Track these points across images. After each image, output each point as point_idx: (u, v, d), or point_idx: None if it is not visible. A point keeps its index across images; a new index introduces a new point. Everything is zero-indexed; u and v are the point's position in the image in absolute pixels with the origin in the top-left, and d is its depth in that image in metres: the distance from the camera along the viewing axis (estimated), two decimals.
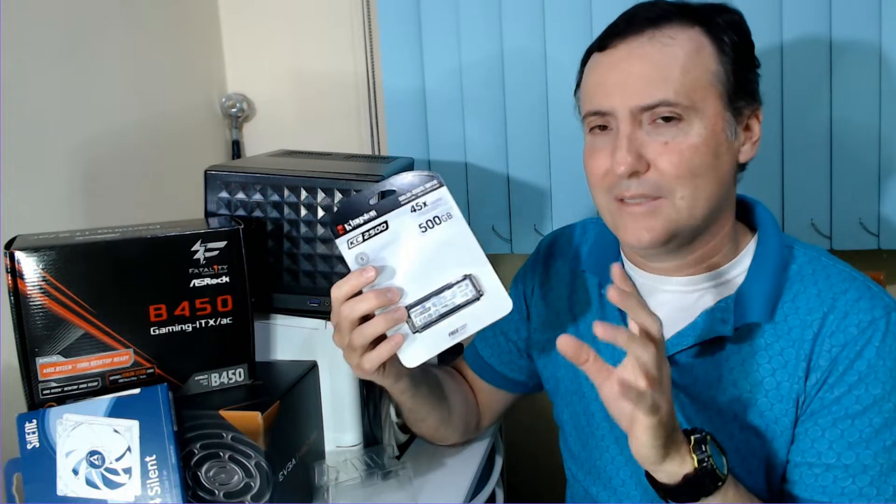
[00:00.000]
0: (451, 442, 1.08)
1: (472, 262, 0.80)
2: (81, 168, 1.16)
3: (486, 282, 0.80)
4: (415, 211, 0.81)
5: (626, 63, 0.82)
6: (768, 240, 0.87)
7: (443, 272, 0.80)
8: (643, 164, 0.81)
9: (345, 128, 1.57)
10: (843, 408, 0.80)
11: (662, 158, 0.80)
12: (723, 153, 0.82)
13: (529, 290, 1.05)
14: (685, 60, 0.80)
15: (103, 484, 0.81)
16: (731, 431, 0.85)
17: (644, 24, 0.82)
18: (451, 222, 0.81)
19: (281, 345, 1.03)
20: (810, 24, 1.28)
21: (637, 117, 0.81)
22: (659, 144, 0.80)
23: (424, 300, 0.79)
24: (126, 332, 0.87)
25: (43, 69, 1.09)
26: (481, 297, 0.79)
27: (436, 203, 0.81)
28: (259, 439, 0.85)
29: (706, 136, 0.80)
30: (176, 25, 1.44)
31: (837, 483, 0.80)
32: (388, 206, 0.81)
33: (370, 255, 0.80)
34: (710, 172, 0.81)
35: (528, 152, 1.43)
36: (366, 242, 0.80)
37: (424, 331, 0.79)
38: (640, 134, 0.81)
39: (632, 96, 0.80)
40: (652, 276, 0.90)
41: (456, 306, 0.79)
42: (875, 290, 0.83)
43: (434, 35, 1.42)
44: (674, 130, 0.80)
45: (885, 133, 1.28)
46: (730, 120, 0.82)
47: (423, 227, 0.81)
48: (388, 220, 0.81)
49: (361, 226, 0.80)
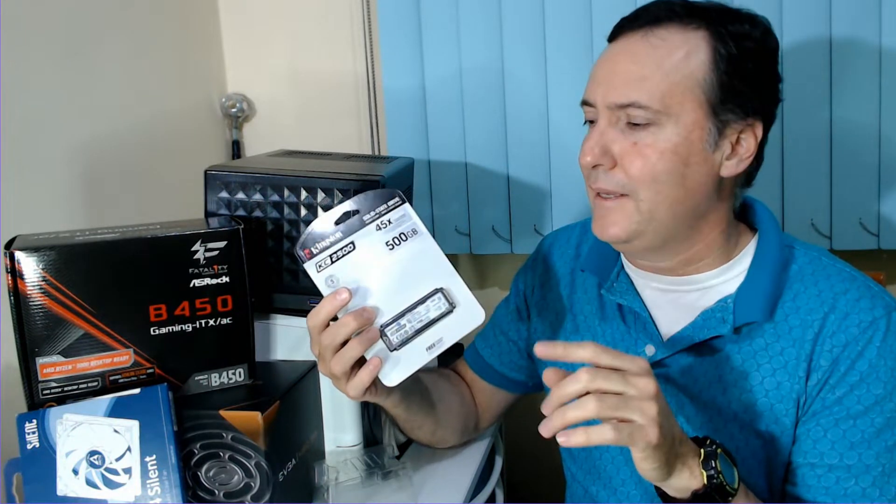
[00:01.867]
0: (450, 444, 1.08)
1: (442, 276, 0.81)
2: (81, 168, 1.16)
3: (458, 294, 0.80)
4: (380, 229, 0.81)
5: (616, 58, 0.83)
6: (768, 239, 0.87)
7: (414, 288, 0.80)
8: (609, 159, 0.82)
9: (345, 128, 1.57)
10: (844, 408, 0.80)
11: (627, 159, 0.81)
12: (695, 163, 0.81)
13: (530, 290, 1.05)
14: (669, 64, 0.80)
15: (103, 484, 0.81)
16: (731, 432, 0.85)
17: (644, 22, 0.82)
18: (418, 238, 0.81)
19: (281, 345, 1.03)
20: (810, 24, 1.28)
21: (614, 113, 0.82)
22: (628, 144, 0.81)
23: (399, 317, 0.79)
24: (126, 332, 0.87)
25: (43, 69, 1.09)
26: (454, 309, 0.80)
27: (400, 220, 0.81)
28: (259, 439, 0.85)
29: (677, 142, 0.80)
30: (176, 26, 1.44)
31: (840, 484, 0.80)
32: (353, 227, 0.81)
33: (340, 276, 0.80)
34: (675, 180, 0.81)
35: (528, 152, 1.43)
36: (334, 264, 0.80)
37: (402, 348, 0.79)
38: (614, 131, 0.82)
39: (610, 92, 0.82)
40: (653, 275, 0.90)
41: (430, 320, 0.79)
42: (876, 290, 0.83)
43: (434, 35, 1.42)
44: (642, 133, 0.81)
45: (885, 133, 1.29)
46: (710, 131, 0.81)
47: (390, 244, 0.81)
48: (354, 241, 0.81)
49: (328, 248, 0.80)
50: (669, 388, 0.87)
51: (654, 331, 0.88)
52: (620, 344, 0.91)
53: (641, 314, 0.89)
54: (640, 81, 0.80)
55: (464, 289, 0.80)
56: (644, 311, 0.89)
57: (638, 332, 0.90)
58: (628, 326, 0.91)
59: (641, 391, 0.69)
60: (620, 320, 0.92)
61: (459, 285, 0.80)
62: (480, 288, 1.61)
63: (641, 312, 0.89)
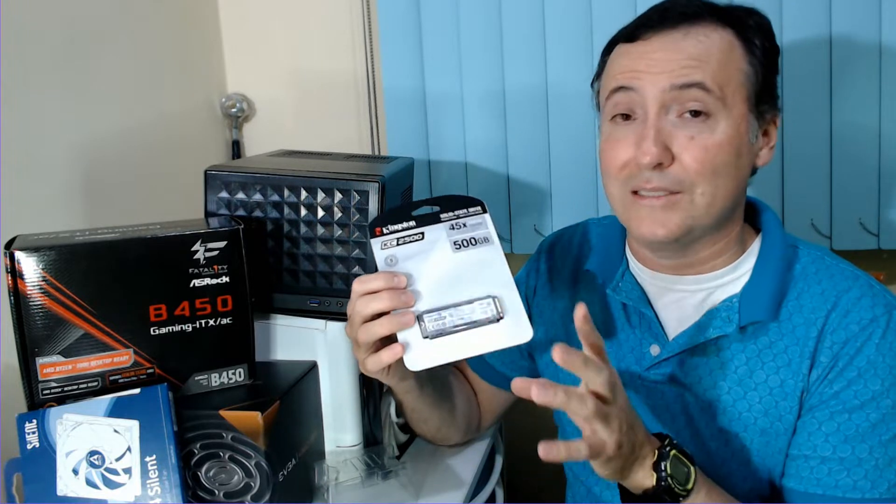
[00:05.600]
0: (452, 442, 1.08)
1: (500, 286, 0.79)
2: (81, 168, 1.16)
3: (511, 306, 0.78)
4: (453, 229, 0.81)
5: (660, 54, 0.81)
6: (772, 240, 0.87)
7: (467, 289, 0.79)
8: (668, 156, 0.80)
9: (345, 128, 1.56)
10: (840, 402, 0.80)
11: (687, 153, 0.80)
12: (744, 154, 0.82)
13: (531, 291, 1.04)
14: (720, 56, 0.80)
15: (103, 484, 0.81)
16: (735, 430, 0.85)
17: (679, 20, 0.81)
18: (487, 246, 0.81)
19: (281, 345, 1.03)
20: (810, 24, 1.28)
21: (665, 105, 0.80)
22: (685, 138, 0.80)
23: (441, 309, 0.78)
24: (126, 332, 0.87)
25: (43, 69, 1.09)
26: (501, 318, 0.78)
27: (475, 226, 0.82)
28: (259, 439, 0.85)
29: (731, 135, 0.80)
30: (176, 26, 1.44)
31: (832, 475, 0.80)
32: (428, 220, 0.82)
33: (399, 258, 0.80)
34: (731, 172, 0.81)
35: (528, 152, 1.43)
36: (398, 247, 0.81)
37: (436, 338, 0.78)
38: (667, 125, 0.80)
39: (667, 76, 0.79)
40: (660, 274, 0.90)
41: (473, 322, 0.78)
42: (877, 289, 0.83)
43: (434, 35, 1.42)
44: (700, 126, 0.80)
45: (885, 133, 1.28)
46: (752, 123, 0.82)
47: (458, 244, 0.81)
48: (424, 232, 0.81)
49: (398, 232, 0.81)
50: (674, 388, 0.87)
51: (660, 330, 0.88)
52: (625, 344, 0.91)
53: (647, 314, 0.89)
54: (701, 65, 0.79)
55: (518, 303, 0.78)
56: (649, 311, 0.89)
57: (643, 331, 0.90)
58: (633, 326, 0.91)
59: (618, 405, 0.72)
60: (625, 320, 0.92)
61: (514, 298, 0.79)
62: None
63: (647, 312, 0.89)
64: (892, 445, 0.79)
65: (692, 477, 0.76)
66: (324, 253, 1.00)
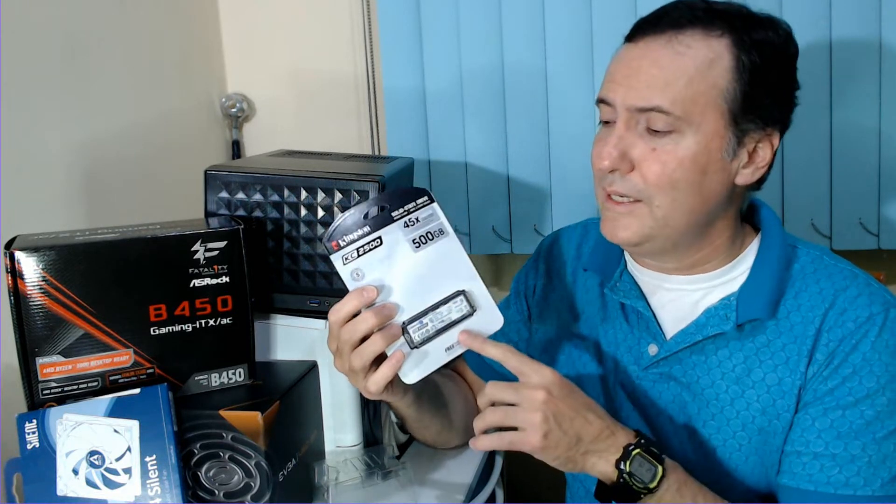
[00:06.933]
0: (452, 445, 1.08)
1: (465, 279, 0.81)
2: (81, 168, 1.16)
3: (479, 297, 0.81)
4: (408, 227, 0.81)
5: (638, 61, 0.81)
6: (771, 239, 0.87)
7: (437, 288, 0.80)
8: (626, 163, 0.81)
9: (345, 128, 1.57)
10: (835, 399, 0.80)
11: (645, 164, 0.81)
12: (713, 171, 0.81)
13: (531, 291, 1.05)
14: (693, 72, 0.79)
15: (103, 484, 0.81)
16: (733, 429, 0.85)
17: (668, 26, 0.81)
18: (444, 238, 0.81)
19: (281, 345, 1.03)
20: (810, 24, 1.28)
21: (634, 117, 0.81)
22: (647, 149, 0.81)
23: (421, 316, 0.80)
24: (126, 332, 0.87)
25: (43, 69, 1.09)
26: (474, 312, 0.80)
27: (427, 219, 0.82)
28: (259, 439, 0.85)
29: (696, 151, 0.80)
30: (176, 26, 1.44)
31: (824, 471, 0.80)
32: (381, 222, 0.81)
33: (365, 270, 0.80)
34: (692, 188, 0.81)
35: (528, 153, 1.43)
36: (361, 258, 0.80)
37: (423, 346, 0.79)
38: (632, 135, 0.81)
39: (631, 95, 0.81)
40: (657, 274, 0.90)
41: (451, 322, 0.80)
42: (875, 288, 0.83)
43: (434, 35, 1.42)
44: (664, 139, 0.80)
45: (885, 133, 1.29)
46: (729, 140, 0.81)
47: (416, 242, 0.81)
48: (381, 236, 0.80)
49: (355, 241, 0.80)
50: (672, 386, 0.88)
51: (657, 330, 0.88)
52: (623, 343, 0.91)
53: (644, 313, 0.89)
54: (664, 87, 0.79)
55: (485, 293, 0.81)
56: (647, 311, 0.89)
57: (641, 331, 0.90)
58: (631, 326, 0.91)
59: (527, 402, 0.77)
60: (623, 320, 0.92)
61: (481, 289, 0.81)
62: None
63: (644, 311, 0.89)
64: (887, 443, 0.79)
65: (657, 475, 0.78)
66: (324, 253, 1.00)
